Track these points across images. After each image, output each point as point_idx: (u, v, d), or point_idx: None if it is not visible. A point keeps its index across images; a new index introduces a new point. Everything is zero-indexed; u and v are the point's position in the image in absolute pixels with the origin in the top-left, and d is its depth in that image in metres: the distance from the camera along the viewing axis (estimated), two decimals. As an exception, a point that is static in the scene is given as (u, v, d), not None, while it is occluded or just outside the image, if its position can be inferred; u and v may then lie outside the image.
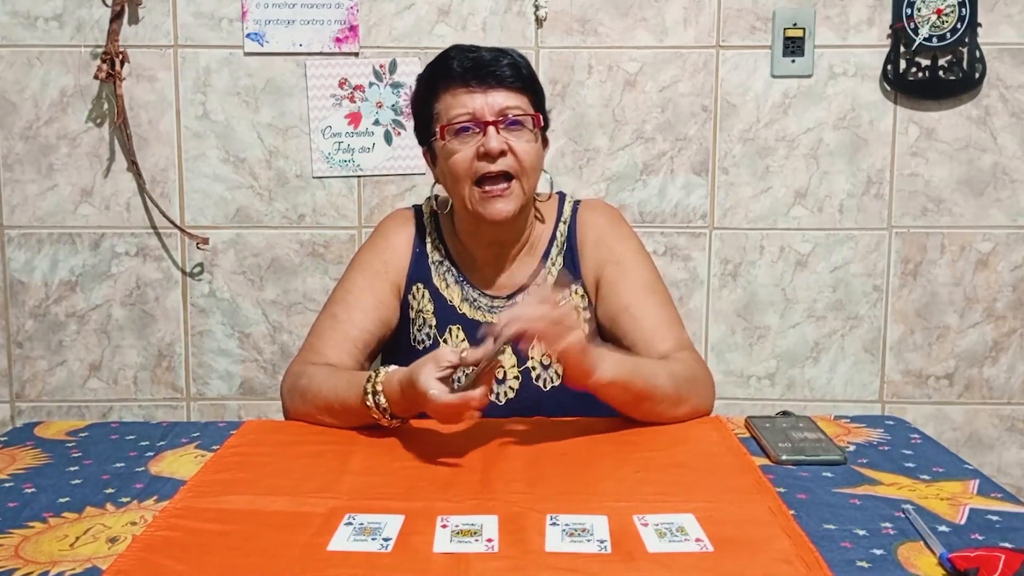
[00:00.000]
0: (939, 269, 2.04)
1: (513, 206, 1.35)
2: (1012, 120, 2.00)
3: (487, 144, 1.32)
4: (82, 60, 1.98)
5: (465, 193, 1.36)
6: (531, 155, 1.35)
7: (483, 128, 1.33)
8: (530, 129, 1.36)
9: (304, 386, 1.32)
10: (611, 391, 1.22)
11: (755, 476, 1.08)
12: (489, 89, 1.33)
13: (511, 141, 1.33)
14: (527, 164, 1.35)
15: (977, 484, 1.08)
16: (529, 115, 1.36)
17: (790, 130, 2.01)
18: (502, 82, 1.34)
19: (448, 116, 1.35)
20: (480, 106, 1.33)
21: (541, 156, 1.40)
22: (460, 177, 1.35)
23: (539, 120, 1.38)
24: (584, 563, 0.86)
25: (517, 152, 1.34)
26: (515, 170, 1.34)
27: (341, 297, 1.45)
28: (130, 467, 1.15)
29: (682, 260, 2.05)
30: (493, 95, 1.33)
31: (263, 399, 2.08)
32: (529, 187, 1.37)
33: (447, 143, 1.35)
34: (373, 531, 0.93)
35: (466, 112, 1.33)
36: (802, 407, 2.05)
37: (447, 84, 1.36)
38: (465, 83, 1.34)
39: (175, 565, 0.87)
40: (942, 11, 1.94)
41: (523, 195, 1.36)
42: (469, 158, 1.34)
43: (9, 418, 2.07)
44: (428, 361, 1.15)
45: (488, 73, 1.34)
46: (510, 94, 1.35)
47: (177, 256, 2.04)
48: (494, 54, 1.36)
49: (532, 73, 1.40)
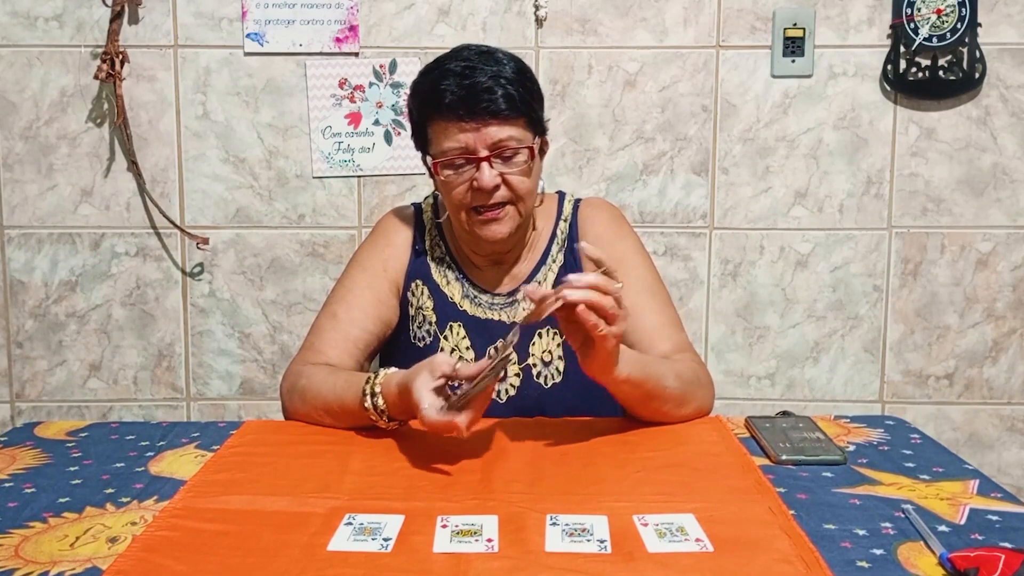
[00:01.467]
0: (939, 269, 2.04)
1: (508, 228, 1.35)
2: (1012, 120, 2.00)
3: (480, 180, 1.29)
4: (82, 60, 1.98)
5: (462, 218, 1.36)
6: (526, 183, 1.34)
7: (476, 163, 1.30)
8: (525, 160, 1.32)
9: (303, 386, 1.32)
10: (625, 388, 1.21)
11: (755, 476, 1.08)
12: (482, 124, 1.28)
13: (505, 172, 1.31)
14: (522, 192, 1.33)
15: (977, 484, 1.08)
16: (524, 147, 1.31)
17: (790, 130, 2.01)
18: (496, 115, 1.28)
19: (440, 149, 1.31)
20: (473, 141, 1.28)
21: (538, 175, 1.38)
22: (455, 206, 1.35)
23: (534, 151, 1.33)
24: (584, 563, 0.86)
25: (511, 183, 1.32)
26: (510, 199, 1.33)
27: (341, 296, 1.44)
28: (130, 467, 1.15)
29: (682, 260, 2.05)
30: (485, 130, 1.28)
31: (263, 399, 2.08)
32: (526, 209, 1.36)
33: (441, 175, 1.33)
34: (373, 531, 0.93)
35: (459, 147, 1.29)
36: (802, 407, 2.05)
37: (439, 114, 1.30)
38: (457, 116, 1.28)
39: (175, 565, 0.87)
40: (942, 11, 1.94)
41: (519, 217, 1.36)
42: (463, 192, 1.32)
43: (9, 418, 2.07)
44: (423, 369, 1.14)
45: (481, 108, 1.27)
46: (503, 126, 1.29)
47: (177, 256, 2.04)
48: (488, 81, 1.28)
49: (529, 92, 1.32)
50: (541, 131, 1.37)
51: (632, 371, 1.20)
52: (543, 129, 1.38)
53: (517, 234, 1.40)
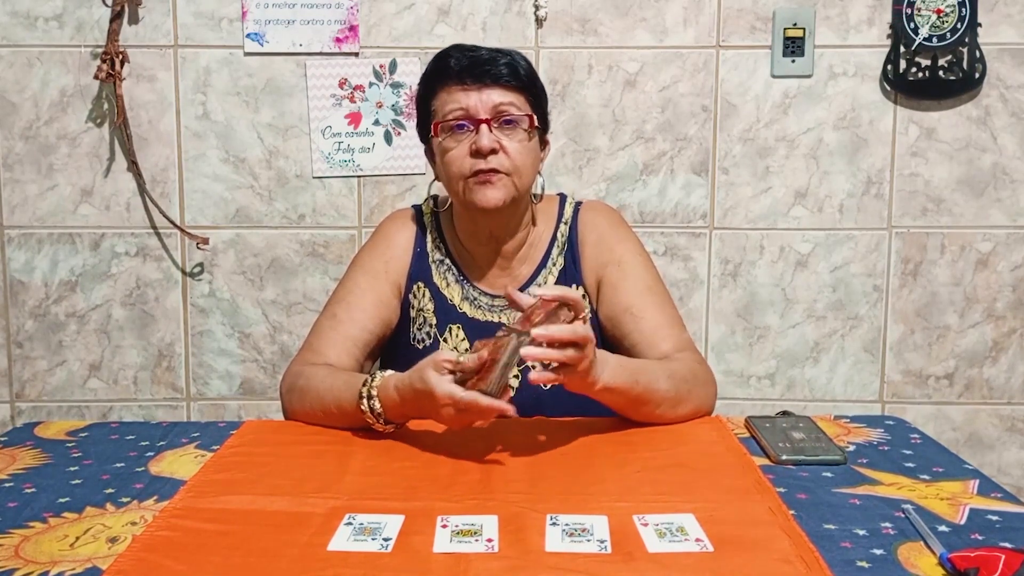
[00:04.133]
0: (939, 269, 2.04)
1: (502, 194, 1.35)
2: (1012, 120, 2.00)
3: (478, 142, 1.33)
4: (82, 60, 1.98)
5: (459, 188, 1.37)
6: (523, 154, 1.35)
7: (476, 126, 1.33)
8: (524, 129, 1.36)
9: (302, 386, 1.32)
10: (608, 396, 1.22)
11: (755, 476, 1.08)
12: (484, 87, 1.34)
13: (503, 140, 1.34)
14: (519, 162, 1.35)
15: (977, 484, 1.08)
16: (524, 114, 1.36)
17: (790, 130, 2.01)
18: (498, 80, 1.34)
19: (443, 112, 1.36)
20: (474, 103, 1.34)
21: (536, 156, 1.40)
22: (454, 174, 1.36)
23: (533, 120, 1.37)
24: (584, 563, 0.86)
25: (509, 151, 1.34)
26: (506, 168, 1.34)
27: (342, 297, 1.45)
28: (130, 467, 1.15)
29: (682, 260, 2.05)
30: (487, 92, 1.34)
31: (263, 399, 2.08)
32: (521, 184, 1.37)
33: (442, 140, 1.36)
34: (373, 531, 0.93)
35: (460, 108, 1.34)
36: (802, 407, 2.05)
37: (444, 81, 1.37)
38: (461, 80, 1.35)
39: (175, 565, 0.87)
40: (942, 11, 1.94)
41: (514, 190, 1.36)
42: (462, 155, 1.34)
43: (9, 418, 2.07)
44: (427, 365, 1.14)
45: (484, 71, 1.34)
46: (505, 92, 1.35)
47: (177, 256, 2.04)
48: (492, 53, 1.37)
49: (532, 73, 1.40)
50: (542, 117, 1.41)
51: (614, 379, 1.20)
52: (545, 119, 1.42)
53: (513, 215, 1.40)
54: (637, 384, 1.22)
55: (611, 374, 1.19)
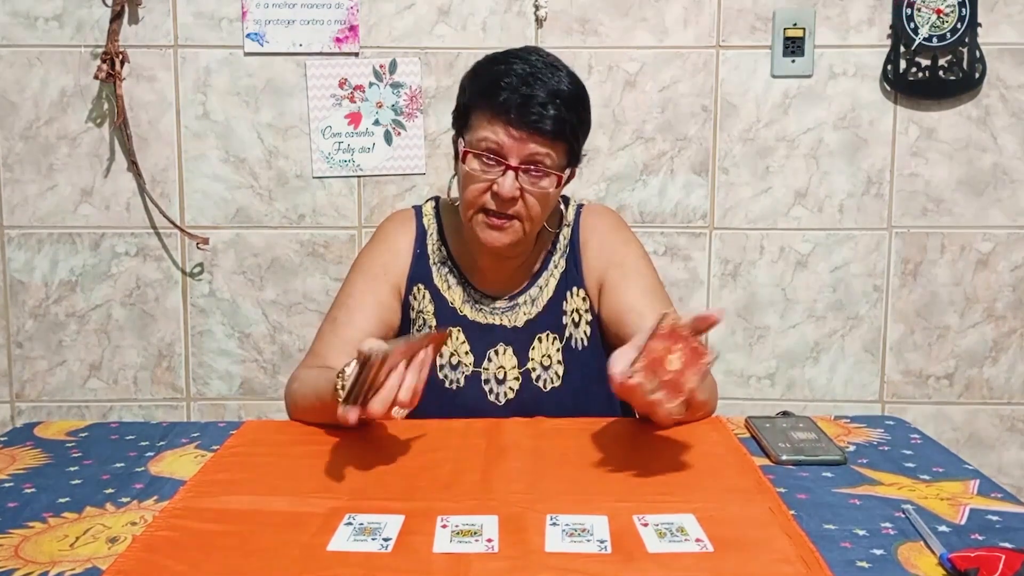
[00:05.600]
0: (939, 269, 2.04)
1: (509, 239, 1.35)
2: (1012, 120, 2.00)
3: (501, 187, 1.30)
4: (82, 60, 1.98)
5: (468, 215, 1.36)
6: (542, 203, 1.33)
7: (504, 167, 1.30)
8: (551, 179, 1.33)
9: (295, 389, 1.33)
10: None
11: (755, 476, 1.08)
12: (525, 135, 1.29)
13: (526, 186, 1.31)
14: (535, 214, 1.34)
15: (977, 484, 1.08)
16: (553, 173, 1.32)
17: (790, 130, 2.01)
18: (541, 132, 1.29)
19: (476, 136, 1.32)
20: (509, 146, 1.29)
21: (554, 200, 1.38)
22: (468, 201, 1.35)
23: (561, 180, 1.34)
24: (584, 563, 0.86)
25: (527, 200, 1.32)
26: (521, 215, 1.33)
27: (342, 301, 1.45)
28: (130, 467, 1.15)
29: (682, 260, 2.05)
30: (527, 142, 1.29)
31: (263, 399, 2.08)
32: (531, 229, 1.36)
33: (467, 164, 1.33)
34: (373, 531, 0.93)
35: (494, 143, 1.30)
36: (802, 407, 2.05)
37: (489, 107, 1.31)
38: (505, 118, 1.29)
39: (175, 565, 0.87)
40: (942, 11, 1.94)
41: (522, 235, 1.36)
42: (480, 190, 1.32)
43: (9, 418, 2.07)
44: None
45: (531, 121, 1.28)
46: (545, 143, 1.30)
47: (177, 256, 2.04)
48: (547, 96, 1.28)
49: (580, 121, 1.33)
50: (575, 161, 1.37)
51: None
52: (578, 160, 1.38)
53: (516, 247, 1.40)
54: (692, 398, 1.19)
55: None
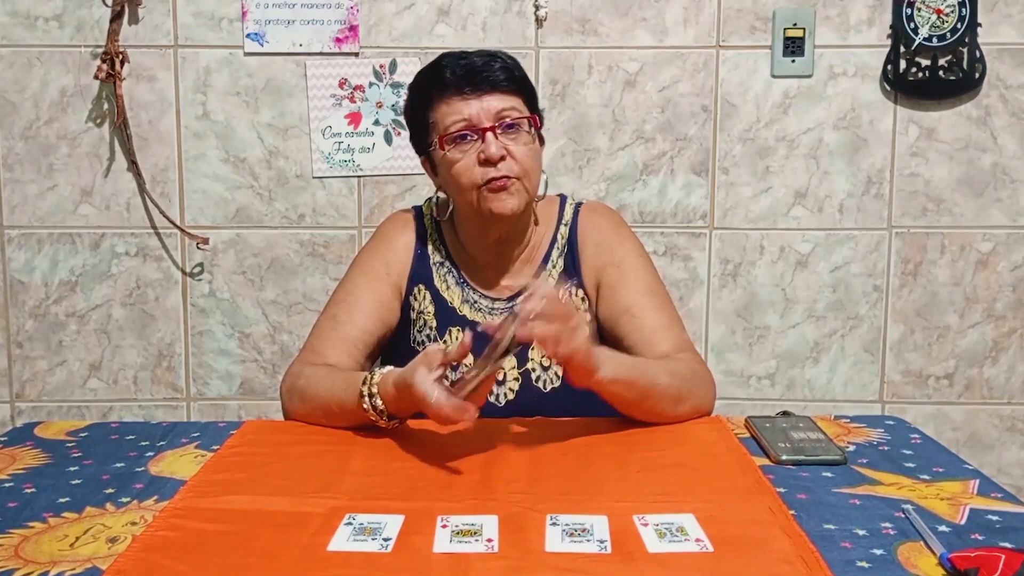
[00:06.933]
0: (939, 269, 2.04)
1: (517, 200, 1.35)
2: (1012, 120, 2.00)
3: (487, 150, 1.32)
4: (82, 60, 1.98)
5: (472, 198, 1.36)
6: (530, 156, 1.36)
7: (481, 134, 1.33)
8: (527, 131, 1.36)
9: (302, 387, 1.32)
10: (614, 389, 1.22)
11: (755, 476, 1.08)
12: (483, 94, 1.33)
13: (509, 145, 1.33)
14: (528, 165, 1.35)
15: (977, 484, 1.08)
16: (525, 117, 1.36)
17: (790, 130, 2.01)
18: (496, 86, 1.34)
19: (445, 124, 1.35)
20: (476, 112, 1.33)
21: (540, 156, 1.40)
22: (465, 185, 1.35)
23: (536, 121, 1.38)
24: (584, 563, 0.86)
25: (516, 155, 1.34)
26: (516, 172, 1.34)
27: (342, 298, 1.44)
28: (130, 467, 1.15)
29: (682, 260, 2.05)
30: (488, 100, 1.33)
31: (263, 399, 2.08)
32: (531, 186, 1.38)
33: (447, 153, 1.35)
34: (373, 531, 0.93)
35: (463, 119, 1.33)
36: (802, 407, 2.05)
37: (441, 92, 1.35)
38: (459, 90, 1.33)
39: (175, 565, 0.87)
40: (942, 11, 1.94)
41: (526, 194, 1.37)
42: (471, 165, 1.34)
43: (9, 418, 2.07)
44: (419, 364, 1.14)
45: (482, 79, 1.33)
46: (505, 97, 1.34)
47: (177, 256, 2.04)
48: (485, 59, 1.35)
49: (524, 74, 1.40)
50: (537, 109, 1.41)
51: (618, 372, 1.20)
52: (541, 117, 1.41)
53: (523, 219, 1.41)
54: (640, 378, 1.23)
55: (613, 367, 1.20)
